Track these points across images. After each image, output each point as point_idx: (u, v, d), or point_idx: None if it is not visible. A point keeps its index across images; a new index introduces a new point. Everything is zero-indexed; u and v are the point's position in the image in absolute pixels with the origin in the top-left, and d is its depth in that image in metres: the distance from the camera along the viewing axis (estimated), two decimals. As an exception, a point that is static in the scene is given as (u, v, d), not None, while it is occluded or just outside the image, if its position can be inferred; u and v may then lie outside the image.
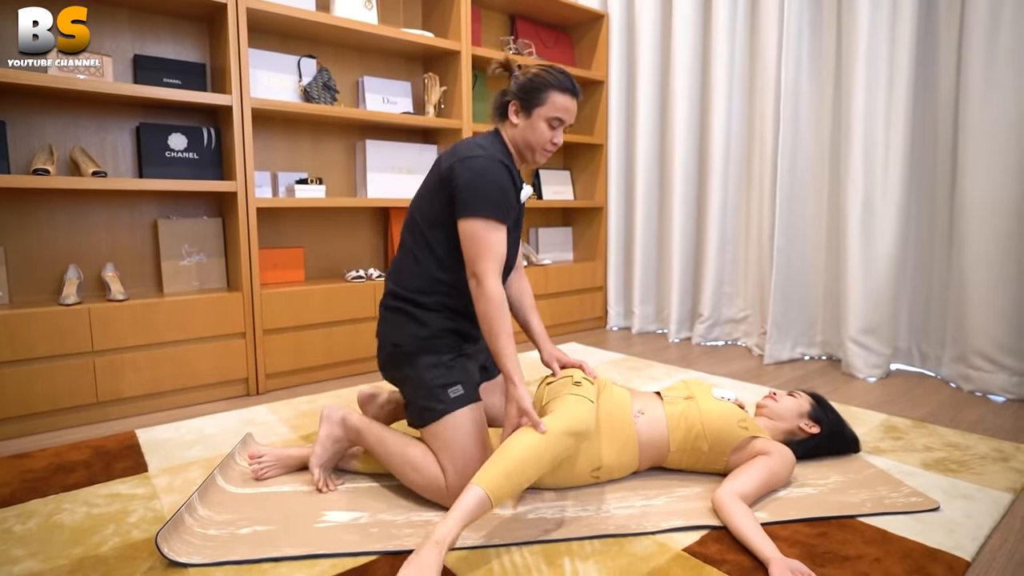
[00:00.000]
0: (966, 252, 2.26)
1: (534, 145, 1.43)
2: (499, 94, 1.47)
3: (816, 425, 1.56)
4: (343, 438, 1.45)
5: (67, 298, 1.92)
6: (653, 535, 1.24)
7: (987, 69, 2.16)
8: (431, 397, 1.35)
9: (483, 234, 1.32)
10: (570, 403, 1.28)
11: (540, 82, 1.39)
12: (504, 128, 1.47)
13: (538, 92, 1.39)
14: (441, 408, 1.33)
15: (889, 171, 2.41)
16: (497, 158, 1.37)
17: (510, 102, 1.43)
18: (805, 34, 2.60)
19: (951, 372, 2.36)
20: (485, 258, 1.31)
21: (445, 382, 1.36)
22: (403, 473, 1.36)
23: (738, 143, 2.97)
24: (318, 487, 1.42)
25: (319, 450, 1.44)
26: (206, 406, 2.13)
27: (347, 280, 2.54)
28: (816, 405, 1.59)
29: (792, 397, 1.59)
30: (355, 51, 2.74)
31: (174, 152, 2.18)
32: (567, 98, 1.40)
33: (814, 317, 2.77)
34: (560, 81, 1.39)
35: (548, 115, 1.39)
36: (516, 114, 1.42)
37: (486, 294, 1.30)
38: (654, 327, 3.41)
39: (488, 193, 1.33)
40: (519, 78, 1.42)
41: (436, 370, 1.37)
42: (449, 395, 1.34)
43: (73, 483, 1.48)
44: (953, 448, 1.70)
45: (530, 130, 1.41)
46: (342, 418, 1.45)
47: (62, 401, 1.89)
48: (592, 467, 1.42)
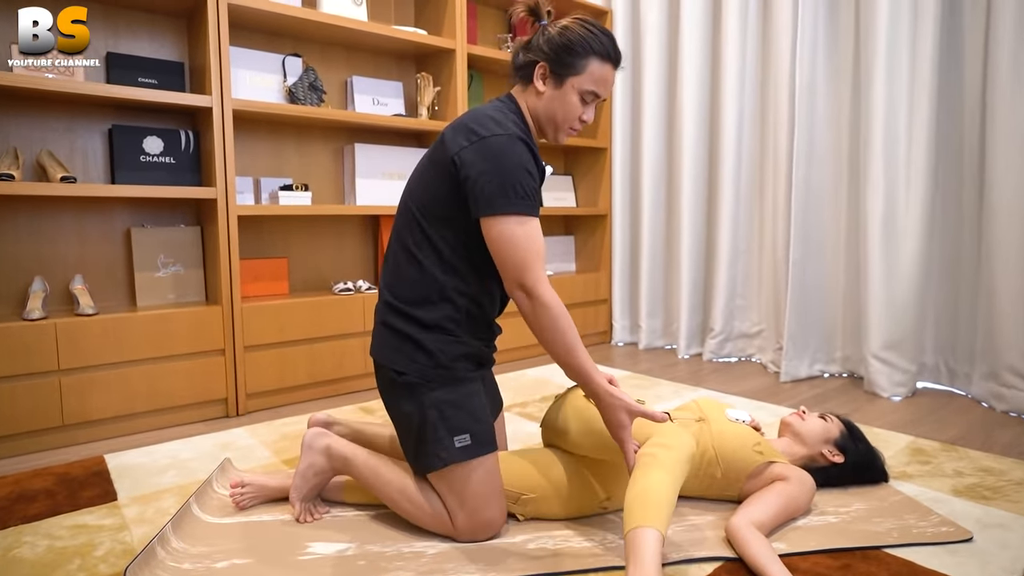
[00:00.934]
0: (995, 261, 2.25)
1: (560, 121, 1.27)
2: (521, 49, 1.28)
3: (840, 454, 1.53)
4: (327, 469, 1.40)
5: (31, 312, 1.91)
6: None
7: (1015, 67, 2.17)
8: (433, 443, 1.25)
9: (521, 234, 1.16)
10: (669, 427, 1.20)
11: (581, 45, 1.21)
12: (524, 94, 1.29)
13: (577, 57, 1.22)
14: (444, 457, 1.24)
15: (912, 176, 2.41)
16: (516, 135, 1.20)
17: (538, 64, 1.25)
18: (821, 31, 2.61)
19: (982, 390, 2.35)
20: (531, 264, 1.16)
21: (450, 427, 1.25)
22: (399, 506, 1.32)
23: (750, 147, 2.98)
24: (299, 520, 1.39)
25: (299, 482, 1.40)
26: (181, 428, 2.10)
27: (334, 293, 2.53)
28: (846, 433, 1.56)
29: (822, 420, 1.56)
30: (343, 49, 2.75)
31: (149, 156, 2.17)
32: (608, 68, 1.24)
33: (833, 331, 2.76)
34: (604, 47, 1.22)
35: (584, 87, 1.23)
36: (543, 80, 1.25)
37: (544, 305, 1.16)
38: (662, 342, 3.40)
39: (515, 182, 1.16)
40: (551, 34, 1.24)
41: (442, 411, 1.25)
42: (455, 444, 1.24)
43: (35, 514, 1.45)
44: (986, 473, 1.69)
45: (559, 102, 1.25)
46: (326, 447, 1.38)
47: (24, 424, 1.86)
48: (602, 497, 1.41)
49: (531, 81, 1.27)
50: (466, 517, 1.27)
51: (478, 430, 1.27)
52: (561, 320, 1.17)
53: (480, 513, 1.26)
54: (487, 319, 1.37)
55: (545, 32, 1.26)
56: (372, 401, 2.39)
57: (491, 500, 1.28)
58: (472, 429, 1.27)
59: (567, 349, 1.17)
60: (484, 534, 1.29)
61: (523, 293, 1.19)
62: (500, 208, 1.16)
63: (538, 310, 1.17)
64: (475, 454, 1.26)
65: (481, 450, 1.27)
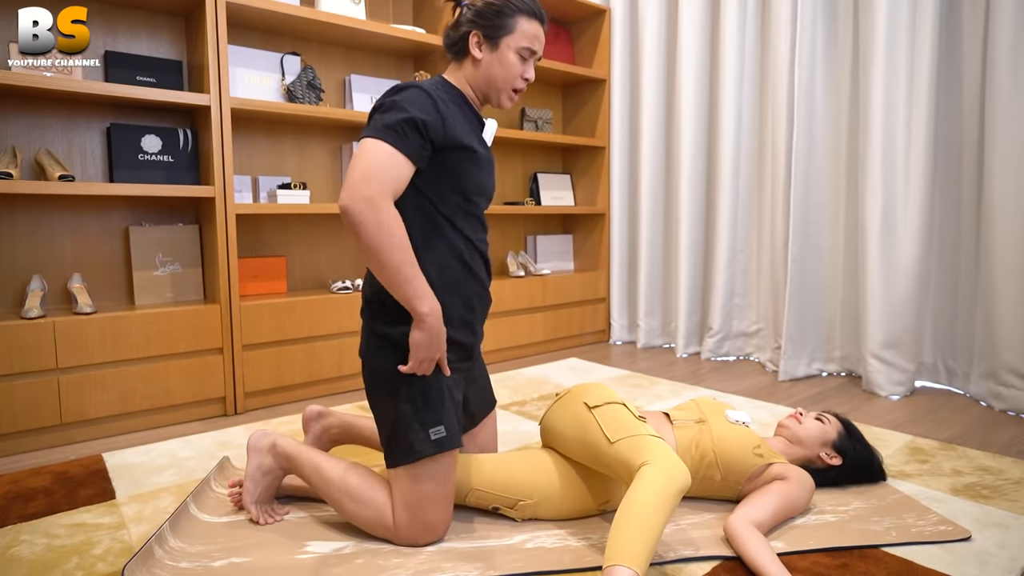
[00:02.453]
0: (994, 260, 2.25)
1: (502, 82, 1.32)
2: (450, 29, 1.34)
3: (838, 457, 1.53)
4: (274, 467, 1.38)
5: (30, 311, 1.90)
6: (661, 566, 1.22)
7: (1015, 65, 2.17)
8: (408, 435, 1.24)
9: (367, 151, 1.15)
10: (666, 454, 1.19)
11: (507, 7, 1.28)
12: (460, 69, 1.35)
13: (504, 18, 1.28)
14: (419, 450, 1.23)
15: (911, 175, 2.41)
16: (417, 86, 1.23)
17: (470, 33, 1.30)
18: (819, 29, 2.61)
19: (980, 389, 2.35)
20: (363, 177, 1.12)
21: (425, 419, 1.24)
22: (341, 505, 1.29)
23: (749, 145, 2.98)
24: (257, 522, 1.37)
25: (250, 485, 1.38)
26: (180, 427, 2.10)
27: (332, 291, 2.53)
28: (845, 434, 1.55)
29: (819, 422, 1.55)
30: (342, 48, 2.74)
31: (148, 155, 2.17)
32: (535, 24, 1.31)
33: (832, 331, 2.76)
34: (528, 5, 1.30)
35: (518, 44, 1.29)
36: (479, 47, 1.30)
37: (368, 220, 1.11)
38: (660, 341, 3.40)
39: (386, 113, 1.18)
40: (477, 6, 1.30)
41: (417, 401, 1.25)
42: (430, 436, 1.23)
43: (32, 512, 1.45)
44: (984, 472, 1.69)
45: (498, 63, 1.30)
46: (271, 445, 1.37)
47: (22, 423, 1.86)
48: (602, 499, 1.41)
49: (466, 54, 1.33)
50: (408, 522, 1.24)
51: (452, 421, 1.27)
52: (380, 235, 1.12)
53: (422, 521, 1.25)
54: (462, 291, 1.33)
55: (469, 7, 1.32)
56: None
57: (440, 503, 1.26)
58: (447, 419, 1.26)
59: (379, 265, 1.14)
60: (424, 537, 1.27)
61: (345, 204, 1.13)
62: (369, 133, 1.17)
63: (357, 229, 1.12)
64: (449, 446, 1.25)
65: (451, 444, 1.26)
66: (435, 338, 1.20)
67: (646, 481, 1.13)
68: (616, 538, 1.08)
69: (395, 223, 1.14)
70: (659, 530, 1.09)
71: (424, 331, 1.19)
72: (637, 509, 1.10)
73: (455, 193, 1.29)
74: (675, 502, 1.12)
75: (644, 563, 1.05)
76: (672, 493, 1.12)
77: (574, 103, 3.58)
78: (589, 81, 3.43)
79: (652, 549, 1.07)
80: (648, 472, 1.15)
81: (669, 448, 1.22)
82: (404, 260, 1.15)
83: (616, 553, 1.06)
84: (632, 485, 1.15)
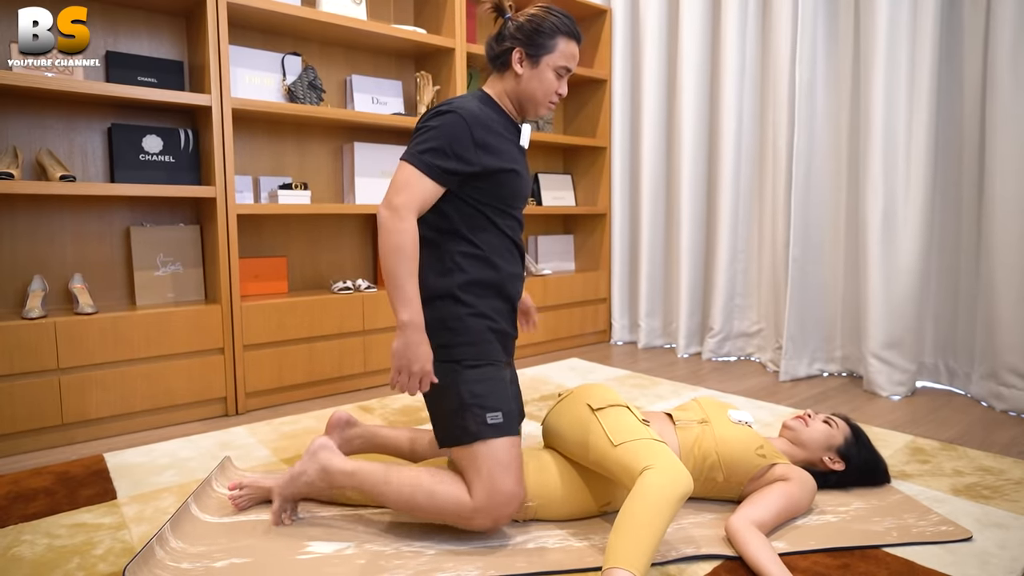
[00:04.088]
0: (995, 260, 2.25)
1: (541, 97, 1.41)
2: (493, 42, 1.42)
3: (840, 462, 1.51)
4: (315, 484, 1.37)
5: (31, 311, 1.90)
6: (663, 565, 1.22)
7: (1015, 65, 2.17)
8: (466, 417, 1.28)
9: (398, 174, 1.30)
10: (668, 459, 1.20)
11: (548, 27, 1.36)
12: (501, 81, 1.43)
13: (546, 38, 1.37)
14: (474, 431, 1.27)
15: (911, 175, 2.41)
16: (461, 107, 1.33)
17: (513, 49, 1.38)
18: (820, 29, 2.61)
19: (981, 390, 2.35)
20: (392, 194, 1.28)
21: (483, 405, 1.29)
22: (415, 503, 1.28)
23: (750, 145, 2.98)
24: (275, 519, 1.37)
25: (287, 480, 1.38)
26: (181, 427, 2.10)
27: (333, 292, 2.53)
28: (852, 440, 1.53)
29: (826, 425, 1.53)
30: (343, 48, 2.74)
31: (149, 155, 2.17)
32: (574, 44, 1.40)
33: (832, 331, 2.76)
34: (567, 26, 1.38)
35: (557, 63, 1.38)
36: (521, 63, 1.38)
37: (391, 229, 1.26)
38: (661, 341, 3.40)
39: (421, 140, 1.30)
40: (520, 22, 1.38)
41: (477, 386, 1.30)
42: (487, 420, 1.28)
43: (34, 512, 1.45)
44: (985, 472, 1.69)
45: (537, 80, 1.39)
46: (323, 467, 1.36)
47: (23, 423, 1.86)
48: (604, 500, 1.40)
49: (508, 67, 1.41)
50: (486, 489, 1.25)
51: (508, 411, 1.32)
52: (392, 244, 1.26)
53: (500, 482, 1.25)
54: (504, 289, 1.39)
55: (513, 22, 1.39)
56: (371, 400, 2.39)
57: (512, 472, 1.27)
58: (504, 408, 1.31)
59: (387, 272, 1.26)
60: (502, 508, 1.26)
61: (380, 212, 1.29)
62: (407, 158, 1.31)
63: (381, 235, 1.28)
64: (505, 432, 1.29)
65: (511, 430, 1.30)
66: (411, 348, 1.25)
67: (648, 485, 1.14)
68: (616, 541, 1.08)
69: (409, 236, 1.27)
70: (660, 534, 1.09)
71: (401, 339, 1.25)
72: (638, 513, 1.10)
73: (497, 200, 1.38)
74: (676, 507, 1.13)
75: (644, 567, 1.05)
76: (674, 498, 1.12)
77: (575, 103, 3.58)
78: (590, 81, 3.43)
79: (652, 553, 1.07)
80: (650, 476, 1.15)
81: (672, 453, 1.22)
82: (403, 269, 1.26)
83: (616, 556, 1.06)
84: (634, 489, 1.15)
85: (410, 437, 1.62)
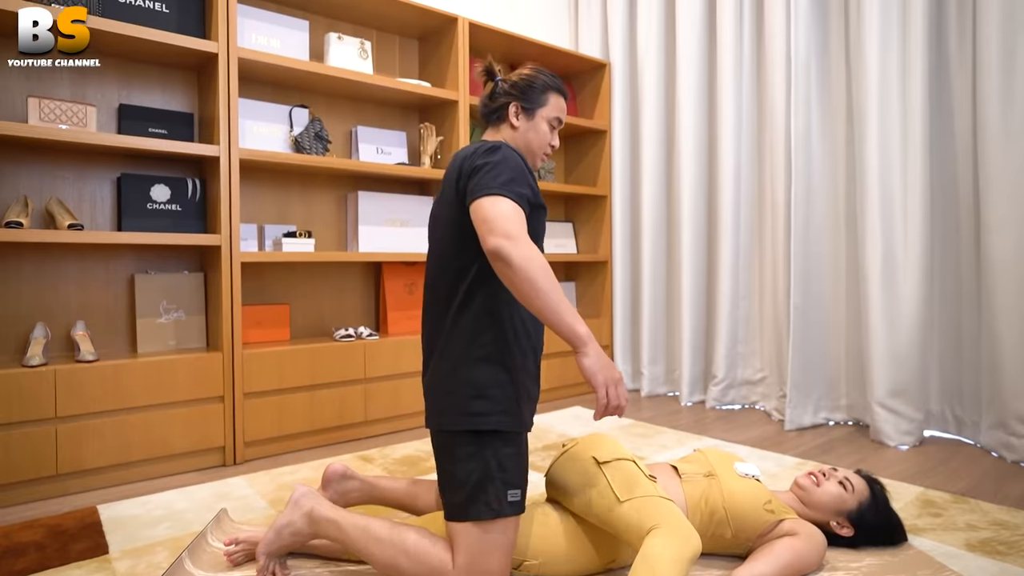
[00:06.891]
0: (996, 305, 2.24)
1: (536, 148, 1.46)
2: (487, 99, 1.48)
3: (850, 528, 1.45)
4: (304, 532, 1.34)
5: (32, 359, 1.89)
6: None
7: (1003, 113, 2.21)
8: (488, 491, 1.21)
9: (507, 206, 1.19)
10: (676, 519, 1.17)
11: (540, 84, 1.45)
12: (499, 133, 1.47)
13: (539, 93, 1.44)
14: (496, 508, 1.21)
15: (909, 221, 2.43)
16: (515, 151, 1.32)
17: (509, 104, 1.44)
18: (814, 81, 2.67)
19: (991, 440, 2.31)
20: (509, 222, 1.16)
21: (507, 481, 1.22)
22: (395, 563, 1.24)
23: (748, 194, 3.01)
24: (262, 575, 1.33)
25: (272, 536, 1.34)
26: (177, 478, 2.06)
27: (335, 339, 2.52)
28: (868, 503, 1.45)
29: (840, 488, 1.45)
30: (349, 100, 2.80)
31: (156, 204, 2.19)
32: (563, 100, 1.49)
33: (837, 378, 2.73)
34: (556, 83, 1.48)
35: (550, 115, 1.46)
36: (517, 116, 1.45)
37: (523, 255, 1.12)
38: (664, 389, 3.36)
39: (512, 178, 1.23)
40: (513, 80, 1.46)
41: (508, 460, 1.23)
42: (508, 498, 1.22)
43: (22, 568, 1.41)
44: (1000, 527, 1.64)
45: (533, 132, 1.45)
46: (310, 511, 1.32)
47: (17, 473, 1.83)
48: (608, 557, 1.36)
49: (504, 120, 1.46)
50: (470, 563, 1.20)
51: (524, 488, 1.26)
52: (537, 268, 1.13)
53: (488, 562, 1.20)
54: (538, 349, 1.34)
55: (505, 82, 1.47)
56: (371, 450, 2.35)
57: (507, 553, 1.23)
58: (524, 486, 1.25)
59: (547, 292, 1.13)
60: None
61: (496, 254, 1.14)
62: (496, 191, 1.20)
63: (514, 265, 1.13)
64: (519, 511, 1.24)
65: (524, 507, 1.25)
66: (605, 357, 1.17)
67: (657, 547, 1.11)
68: None
69: (542, 256, 1.16)
70: None
71: (590, 354, 1.15)
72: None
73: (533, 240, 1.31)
74: (687, 570, 1.09)
75: None
76: (684, 560, 1.09)
77: (576, 153, 3.64)
78: (591, 132, 3.49)
79: None
80: (658, 539, 1.12)
81: (680, 512, 1.19)
82: (557, 286, 1.15)
83: None
84: (642, 551, 1.12)
85: (409, 489, 1.58)
